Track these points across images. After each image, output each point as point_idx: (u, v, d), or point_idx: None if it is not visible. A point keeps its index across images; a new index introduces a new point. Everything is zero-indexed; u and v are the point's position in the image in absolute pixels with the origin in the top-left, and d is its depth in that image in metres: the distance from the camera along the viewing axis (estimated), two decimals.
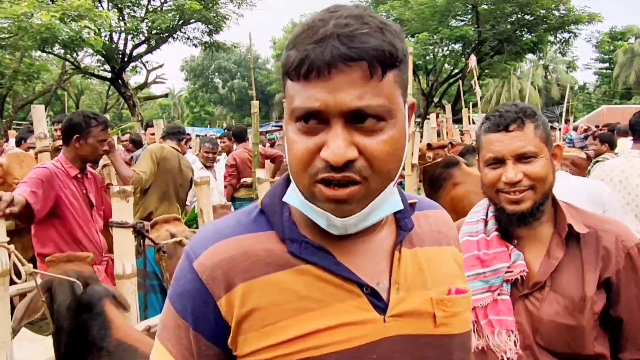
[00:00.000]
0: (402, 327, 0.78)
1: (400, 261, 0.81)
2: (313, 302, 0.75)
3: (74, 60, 18.81)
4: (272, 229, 0.79)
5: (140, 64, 21.48)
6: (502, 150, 1.28)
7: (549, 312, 1.25)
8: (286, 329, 0.74)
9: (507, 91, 36.12)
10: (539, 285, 1.28)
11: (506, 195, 1.29)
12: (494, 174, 1.31)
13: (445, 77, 25.10)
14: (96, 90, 32.24)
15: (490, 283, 1.31)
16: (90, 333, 1.67)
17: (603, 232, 1.28)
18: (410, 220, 0.84)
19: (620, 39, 41.76)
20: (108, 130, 3.07)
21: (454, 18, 22.55)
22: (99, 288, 1.81)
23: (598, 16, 21.68)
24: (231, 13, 19.03)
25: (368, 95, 0.68)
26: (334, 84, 0.67)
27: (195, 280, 0.77)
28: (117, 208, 2.48)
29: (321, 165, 0.69)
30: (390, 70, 0.70)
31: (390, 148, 0.70)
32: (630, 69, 38.56)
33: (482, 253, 1.35)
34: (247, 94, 43.47)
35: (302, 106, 0.69)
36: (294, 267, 0.76)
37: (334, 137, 0.68)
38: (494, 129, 1.30)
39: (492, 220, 1.39)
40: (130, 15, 18.28)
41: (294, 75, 0.70)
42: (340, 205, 0.70)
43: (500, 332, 1.28)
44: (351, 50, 0.66)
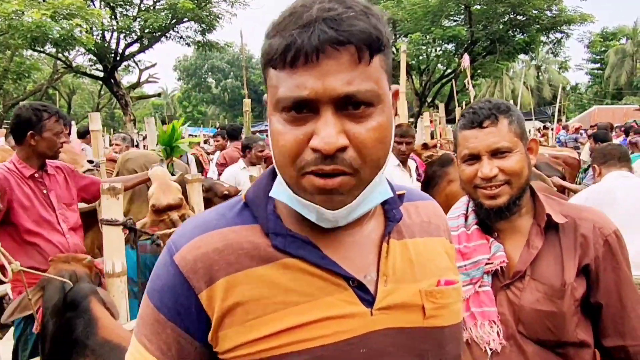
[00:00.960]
0: (391, 320, 0.76)
1: (388, 253, 0.79)
2: (298, 296, 0.73)
3: (65, 59, 18.70)
4: (256, 223, 0.77)
5: (132, 63, 21.41)
6: (477, 146, 1.30)
7: (530, 300, 1.27)
8: (271, 323, 0.73)
9: (500, 91, 36.28)
10: (520, 275, 1.30)
11: (483, 190, 1.31)
12: (470, 169, 1.33)
13: (438, 77, 25.19)
14: (88, 89, 32.03)
15: (472, 275, 1.32)
16: (75, 331, 1.65)
17: (581, 220, 1.31)
18: (399, 211, 0.83)
19: (612, 40, 42.09)
20: (62, 121, 2.79)
21: (447, 18, 22.62)
22: (84, 286, 1.79)
23: (590, 17, 21.83)
24: (224, 12, 18.99)
25: (357, 80, 0.66)
26: (322, 69, 0.65)
27: (176, 273, 0.75)
28: (106, 205, 2.45)
29: (310, 157, 0.67)
30: (377, 54, 0.68)
31: (379, 135, 0.68)
32: (622, 70, 38.87)
33: (463, 246, 1.36)
34: (240, 94, 43.44)
35: (289, 95, 0.66)
36: (278, 261, 0.74)
37: (324, 124, 0.65)
38: (469, 126, 1.32)
39: (472, 214, 1.41)
40: (122, 14, 18.18)
41: (278, 63, 0.67)
42: (331, 197, 0.68)
43: (482, 323, 1.29)
44: (339, 33, 0.64)
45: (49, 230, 2.68)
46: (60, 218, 2.76)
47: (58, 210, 2.77)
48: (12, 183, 2.60)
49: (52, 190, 2.79)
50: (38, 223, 2.65)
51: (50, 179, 2.81)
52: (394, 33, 24.49)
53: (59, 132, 2.75)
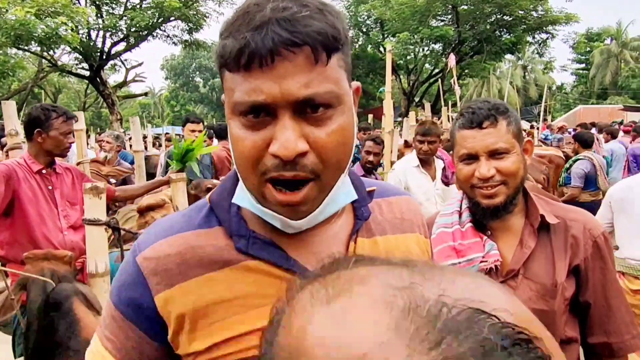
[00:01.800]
0: None
1: (355, 252, 0.77)
2: (262, 298, 0.72)
3: (50, 57, 18.51)
4: (220, 225, 0.76)
5: (119, 62, 21.25)
6: (475, 146, 1.31)
7: (523, 298, 1.26)
8: (235, 325, 0.72)
9: (487, 91, 36.56)
10: (513, 273, 1.32)
11: (480, 190, 1.32)
12: (468, 169, 1.33)
13: (425, 77, 25.33)
14: (74, 88, 31.73)
15: None
16: (58, 332, 1.63)
17: (571, 221, 1.33)
18: (367, 209, 0.81)
19: (597, 40, 42.61)
20: (71, 121, 2.93)
21: (434, 18, 22.76)
22: (67, 286, 1.77)
23: (575, 17, 22.11)
24: (211, 11, 18.95)
25: (315, 82, 0.63)
26: (278, 72, 0.62)
27: (136, 273, 0.74)
28: (89, 205, 2.42)
29: (270, 163, 0.64)
30: (335, 53, 0.65)
31: (340, 137, 0.66)
32: (606, 70, 39.37)
33: (458, 244, 1.38)
34: None
35: (245, 100, 0.64)
36: (240, 263, 0.73)
37: (282, 129, 0.63)
38: (468, 126, 1.33)
39: (466, 212, 1.42)
40: (108, 12, 18.05)
41: (232, 67, 0.64)
42: (295, 209, 0.67)
43: None
44: (294, 35, 0.61)
45: (48, 225, 2.78)
46: (61, 214, 2.86)
47: (60, 207, 2.87)
48: (19, 175, 2.73)
49: (57, 188, 2.90)
50: (40, 217, 2.75)
51: (57, 177, 2.93)
52: (381, 33, 24.57)
53: (66, 132, 2.86)
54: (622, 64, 39.00)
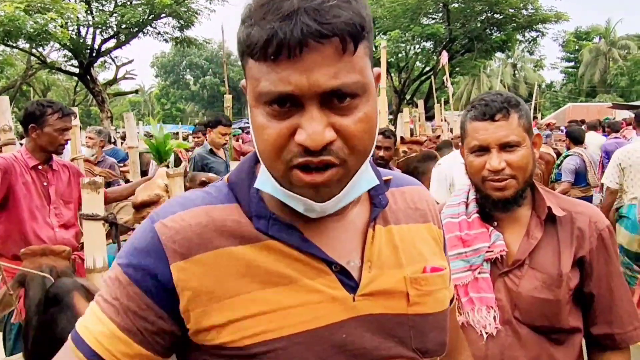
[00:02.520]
0: (373, 306, 0.76)
1: (373, 239, 0.78)
2: (280, 278, 0.72)
3: (39, 54, 18.32)
4: (239, 205, 0.76)
5: (109, 60, 21.06)
6: (488, 138, 1.32)
7: (528, 287, 1.31)
8: (254, 302, 0.71)
9: (477, 89, 36.74)
10: (519, 263, 1.34)
11: (491, 182, 1.33)
12: (479, 161, 1.35)
13: (417, 75, 25.37)
14: (63, 86, 31.44)
15: (471, 262, 1.36)
16: (58, 327, 1.62)
17: (577, 214, 1.35)
18: (385, 197, 0.82)
19: (585, 39, 42.97)
20: (68, 118, 2.87)
21: (425, 16, 22.81)
22: (67, 281, 1.75)
23: (564, 15, 22.27)
24: (202, 8, 18.82)
25: (342, 73, 0.63)
26: (306, 63, 0.62)
27: (153, 239, 0.72)
28: (87, 200, 2.41)
29: (296, 149, 0.65)
30: (361, 42, 0.65)
31: (366, 125, 0.67)
32: (595, 68, 39.72)
33: (464, 234, 1.40)
34: (219, 91, 43.10)
35: (272, 90, 0.64)
36: (261, 242, 0.73)
37: (309, 120, 0.63)
38: (480, 117, 1.34)
39: (473, 202, 1.44)
40: (98, 9, 17.88)
41: (259, 56, 0.63)
42: (319, 190, 0.67)
43: (480, 308, 1.33)
44: (323, 26, 0.61)
45: (38, 221, 2.76)
46: (52, 212, 2.84)
47: (52, 205, 2.85)
48: (16, 170, 2.72)
49: (52, 184, 2.87)
50: (30, 212, 2.73)
51: (53, 174, 2.90)
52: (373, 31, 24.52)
53: (61, 129, 2.81)
54: (610, 62, 39.36)
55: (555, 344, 1.32)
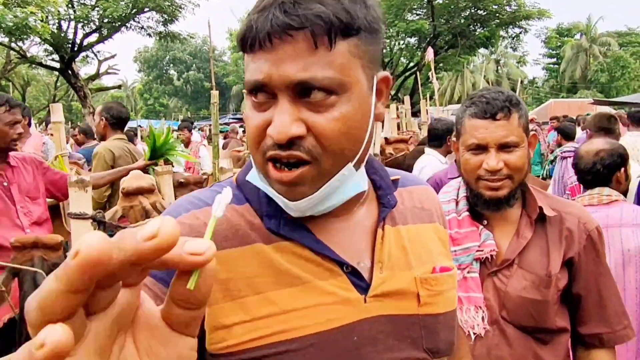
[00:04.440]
0: (384, 307, 0.75)
1: (383, 239, 0.78)
2: (292, 278, 0.72)
3: (19, 49, 17.97)
4: (249, 204, 0.76)
5: (91, 54, 20.73)
6: (487, 137, 1.29)
7: (517, 287, 1.31)
8: (263, 303, 0.70)
9: (461, 85, 37.00)
10: (508, 263, 1.33)
11: (486, 182, 1.32)
12: (475, 160, 1.33)
13: (401, 71, 25.45)
14: (44, 81, 30.91)
15: (461, 261, 1.35)
16: None
17: (567, 214, 1.35)
18: (394, 197, 0.81)
19: (567, 35, 43.50)
20: (16, 110, 2.63)
21: (410, 12, 22.87)
22: None
23: (547, 12, 22.51)
24: (186, 2, 18.60)
25: (314, 67, 0.63)
26: (277, 55, 0.63)
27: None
28: (74, 198, 2.38)
29: (270, 142, 0.66)
30: (344, 39, 0.64)
31: (342, 125, 0.65)
32: (576, 64, 40.26)
33: (454, 232, 1.38)
34: (203, 86, 42.79)
35: (249, 79, 0.66)
36: (273, 243, 0.73)
37: (279, 112, 0.64)
38: (480, 115, 1.30)
39: (463, 200, 1.42)
40: (80, 3, 17.57)
41: (242, 48, 0.67)
42: (290, 188, 0.67)
43: (468, 308, 1.32)
44: (291, 18, 0.62)
45: (6, 225, 2.54)
46: (20, 212, 2.62)
47: (19, 204, 2.63)
48: None
49: (13, 183, 2.65)
50: None
51: (13, 171, 2.68)
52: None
53: (10, 122, 2.60)
54: (591, 58, 39.91)
55: (541, 344, 1.32)
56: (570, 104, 25.98)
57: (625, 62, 36.87)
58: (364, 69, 0.68)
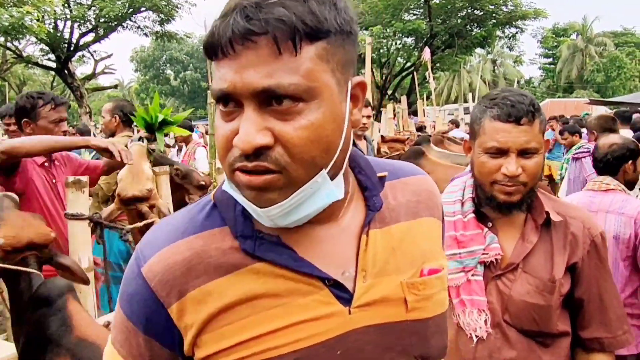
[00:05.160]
0: (370, 316, 0.73)
1: (367, 245, 0.75)
2: (271, 300, 0.70)
3: (15, 48, 17.91)
4: (225, 225, 0.73)
5: (87, 54, 20.71)
6: (509, 142, 1.25)
7: (520, 291, 1.30)
8: (244, 329, 0.70)
9: (458, 84, 37.04)
10: (512, 267, 1.32)
11: (502, 186, 1.29)
12: (493, 163, 1.29)
13: (398, 71, 25.48)
14: (40, 80, 30.79)
15: (465, 264, 1.34)
16: (49, 329, 1.59)
17: (572, 219, 1.33)
18: (379, 198, 0.77)
19: (563, 35, 43.60)
20: (62, 107, 2.71)
21: (407, 12, 22.91)
22: (60, 282, 1.71)
23: (543, 12, 22.57)
24: (183, 2, 18.57)
25: (279, 73, 0.60)
26: (240, 62, 0.61)
27: (144, 286, 0.71)
28: (71, 199, 2.37)
29: (237, 153, 0.63)
30: (311, 43, 0.62)
31: (311, 134, 0.62)
32: (572, 64, 40.36)
33: (460, 234, 1.37)
34: (200, 86, 42.70)
35: (214, 87, 0.64)
36: (248, 267, 0.71)
37: (244, 121, 0.62)
38: (504, 118, 1.26)
39: (469, 202, 1.40)
40: (76, 2, 17.53)
41: (208, 55, 0.64)
42: (259, 194, 0.64)
43: (471, 311, 1.32)
44: (252, 23, 0.59)
45: (53, 221, 2.61)
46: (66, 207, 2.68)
47: (65, 200, 2.67)
48: (29, 168, 2.54)
49: (59, 180, 2.73)
50: (49, 211, 2.59)
51: (57, 170, 2.75)
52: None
53: (56, 120, 2.66)
54: (587, 58, 40.01)
55: (543, 347, 1.31)
56: (567, 103, 26.06)
57: (621, 62, 36.97)
58: (334, 74, 0.65)
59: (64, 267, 1.85)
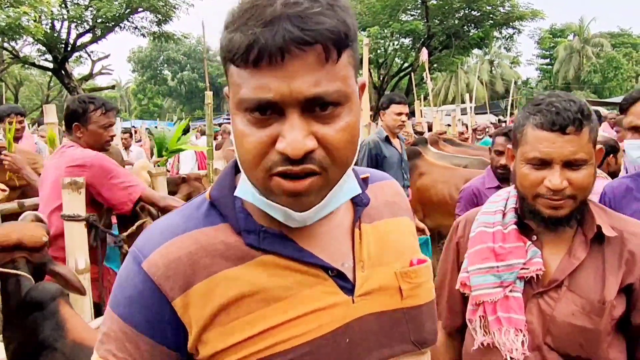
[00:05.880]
0: (371, 305, 0.76)
1: (361, 238, 0.79)
2: (280, 292, 0.72)
3: (12, 49, 17.87)
4: (225, 222, 0.74)
5: (84, 54, 20.66)
6: (552, 153, 1.15)
7: (565, 312, 1.18)
8: (254, 323, 0.70)
9: (455, 85, 37.11)
10: (556, 284, 1.21)
11: (546, 200, 1.18)
12: (536, 175, 1.19)
13: (395, 71, 25.50)
14: (37, 81, 30.77)
15: (503, 278, 1.23)
16: (43, 333, 1.58)
17: (629, 235, 1.21)
18: (366, 195, 0.82)
19: (560, 36, 43.71)
20: (111, 113, 2.77)
21: (404, 12, 22.94)
22: (51, 286, 1.70)
23: (540, 13, 22.63)
24: (180, 2, 18.56)
25: (324, 81, 0.63)
26: (287, 71, 0.61)
27: (146, 281, 0.71)
28: (67, 200, 2.37)
29: (277, 158, 0.64)
30: (345, 50, 0.65)
31: (348, 135, 0.66)
32: (569, 65, 40.46)
33: (498, 246, 1.26)
34: (197, 86, 42.71)
35: (252, 97, 0.63)
36: (255, 259, 0.72)
37: (290, 128, 0.63)
38: (548, 127, 1.15)
39: (512, 212, 1.30)
40: (73, 3, 17.50)
41: (240, 62, 0.63)
42: (299, 199, 0.66)
43: (508, 330, 1.20)
44: (305, 33, 0.61)
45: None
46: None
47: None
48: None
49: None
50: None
51: None
52: None
53: (105, 125, 2.72)
54: (584, 59, 40.12)
55: None
56: None
57: (618, 63, 37.09)
58: (355, 77, 0.69)
59: (60, 275, 1.83)
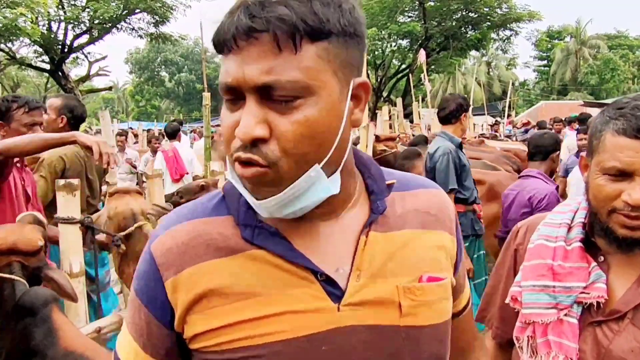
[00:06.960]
0: (362, 316, 0.73)
1: (366, 245, 0.75)
2: (262, 288, 0.72)
3: (8, 50, 17.82)
4: (230, 214, 0.77)
5: (81, 56, 20.60)
6: (636, 163, 1.01)
7: (623, 347, 1.05)
8: (231, 313, 0.72)
9: (452, 86, 37.15)
10: (618, 315, 1.07)
11: (622, 217, 1.03)
12: (612, 187, 1.04)
13: (393, 73, 25.55)
14: (33, 82, 30.73)
15: (559, 300, 1.11)
16: (34, 340, 1.55)
17: None
18: (384, 202, 0.78)
19: (557, 38, 43.84)
20: (37, 112, 2.65)
21: (402, 14, 22.99)
22: (44, 292, 1.67)
23: (537, 14, 22.70)
24: (178, 4, 18.55)
25: (278, 70, 0.63)
26: (243, 57, 0.64)
27: (150, 260, 0.77)
28: (62, 202, 2.33)
29: (237, 144, 0.67)
30: (312, 43, 0.64)
31: (305, 129, 0.65)
32: (566, 67, 40.55)
33: (557, 265, 1.13)
34: (195, 88, 42.67)
35: (221, 81, 0.68)
36: (245, 252, 0.73)
37: (245, 113, 0.65)
38: (631, 133, 1.01)
39: (578, 227, 1.15)
40: (70, 4, 17.48)
41: (217, 51, 0.69)
42: (257, 187, 0.68)
43: (557, 356, 1.10)
44: (254, 21, 0.63)
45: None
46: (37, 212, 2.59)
47: (30, 205, 2.62)
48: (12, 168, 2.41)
49: (28, 185, 2.68)
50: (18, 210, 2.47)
51: (26, 174, 2.69)
52: None
53: (29, 124, 2.62)
54: (581, 61, 40.21)
55: None
56: (561, 106, 26.19)
57: (614, 65, 37.18)
58: (335, 74, 0.67)
59: (53, 280, 1.80)
